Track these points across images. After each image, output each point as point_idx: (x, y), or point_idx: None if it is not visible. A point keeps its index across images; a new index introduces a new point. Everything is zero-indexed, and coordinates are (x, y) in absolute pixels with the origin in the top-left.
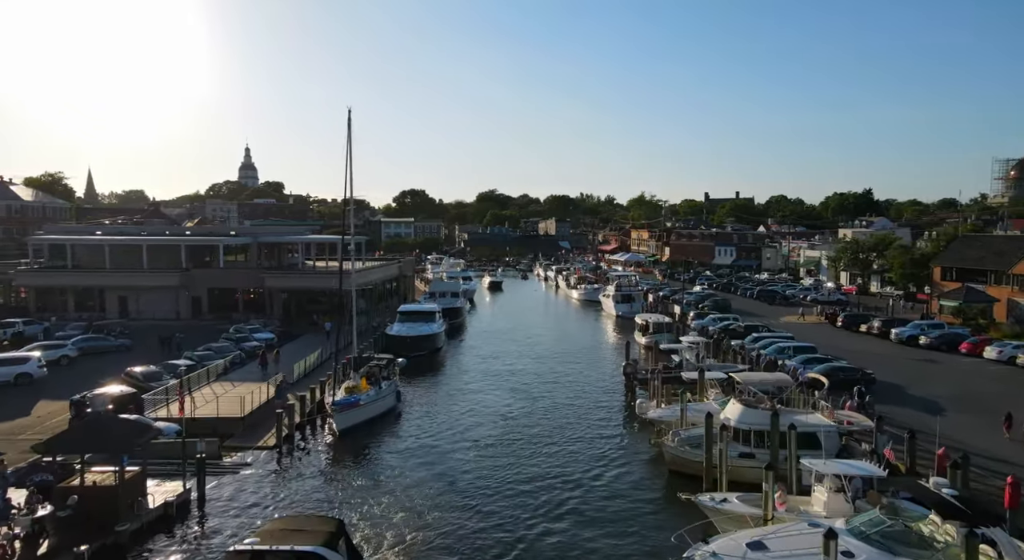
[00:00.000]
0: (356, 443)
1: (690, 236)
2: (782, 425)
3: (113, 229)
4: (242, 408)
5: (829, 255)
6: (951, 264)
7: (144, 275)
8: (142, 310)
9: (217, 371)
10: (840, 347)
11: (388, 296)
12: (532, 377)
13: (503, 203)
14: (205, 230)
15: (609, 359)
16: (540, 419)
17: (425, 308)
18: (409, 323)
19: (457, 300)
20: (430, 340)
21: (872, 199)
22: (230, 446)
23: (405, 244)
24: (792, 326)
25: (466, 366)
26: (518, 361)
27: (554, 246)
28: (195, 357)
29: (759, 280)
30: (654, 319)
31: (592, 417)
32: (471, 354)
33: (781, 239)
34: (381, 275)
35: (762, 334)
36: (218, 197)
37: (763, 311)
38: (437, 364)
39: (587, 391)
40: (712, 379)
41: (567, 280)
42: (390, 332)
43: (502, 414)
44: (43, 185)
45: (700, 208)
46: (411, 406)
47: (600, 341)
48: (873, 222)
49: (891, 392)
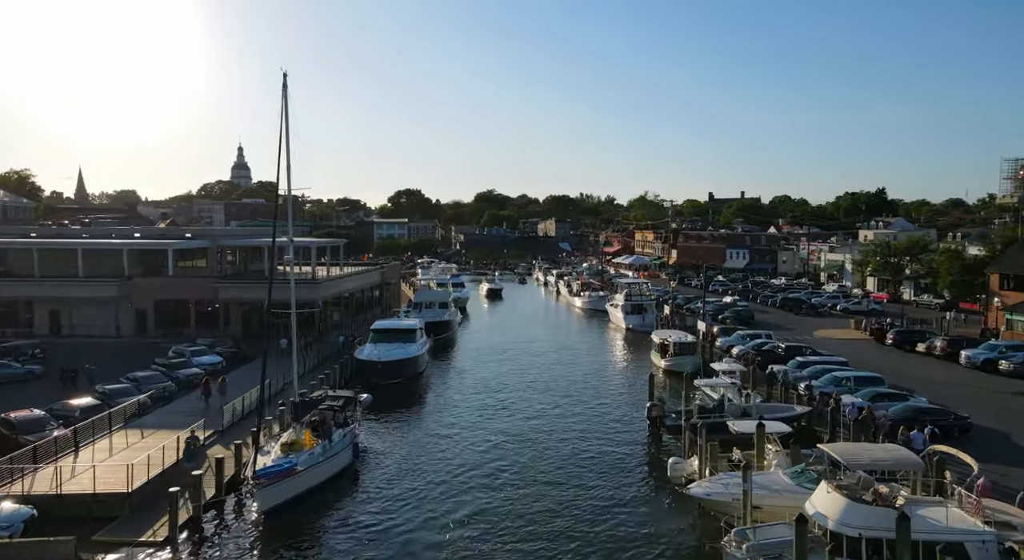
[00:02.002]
0: (289, 528)
1: (699, 237)
2: (914, 530)
3: (50, 231)
4: (128, 480)
5: (855, 258)
6: (1011, 271)
7: (78, 285)
8: (75, 326)
9: (126, 414)
10: (898, 373)
11: (371, 306)
12: (532, 416)
13: (501, 203)
14: (156, 232)
15: (623, 390)
16: (543, 485)
17: (404, 325)
18: (384, 344)
19: (446, 312)
20: (409, 364)
21: (886, 199)
22: (101, 541)
23: (398, 246)
24: (830, 343)
25: (451, 399)
26: (514, 392)
27: (554, 248)
28: (106, 393)
29: (778, 286)
30: (675, 338)
31: (610, 483)
32: (459, 382)
33: (795, 241)
34: (359, 282)
35: (807, 357)
36: (209, 197)
37: (790, 322)
38: (416, 395)
39: (601, 439)
40: (773, 434)
41: (569, 286)
42: (360, 356)
43: (492, 474)
44: (10, 184)
45: (705, 208)
46: (374, 463)
47: (610, 363)
48: (891, 222)
49: (991, 441)
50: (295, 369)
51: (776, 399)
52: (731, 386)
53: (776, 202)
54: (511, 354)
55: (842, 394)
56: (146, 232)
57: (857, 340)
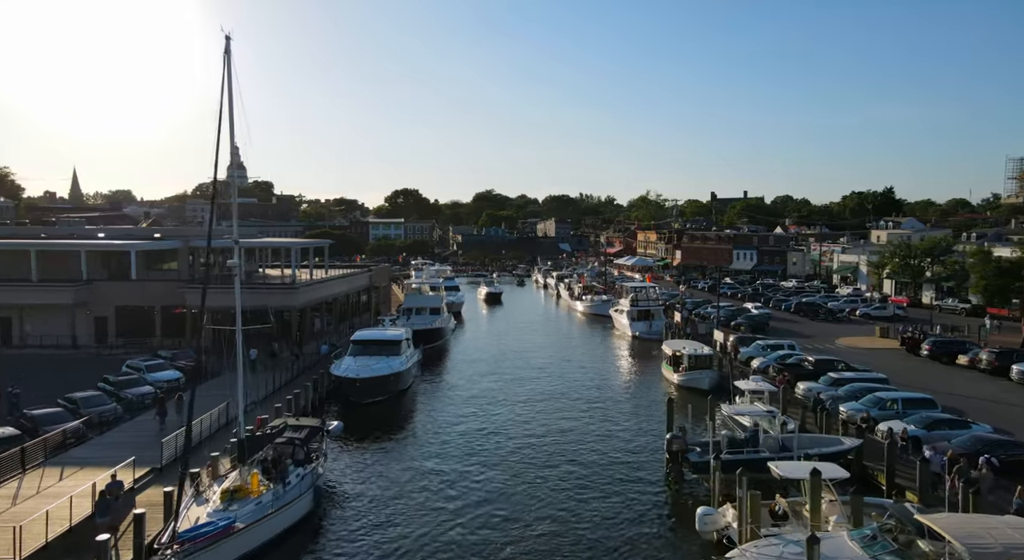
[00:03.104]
0: None
1: (704, 238)
2: None
3: (5, 231)
4: (16, 547)
5: (870, 260)
6: None
7: (31, 290)
8: (27, 335)
9: (47, 448)
10: (941, 390)
11: (358, 311)
12: (529, 445)
13: (500, 203)
14: (121, 232)
15: (633, 410)
16: (537, 539)
17: (387, 336)
18: (364, 357)
19: (436, 318)
20: (391, 381)
21: (893, 198)
22: None
23: (393, 246)
24: (857, 353)
25: (439, 421)
26: (511, 413)
27: (554, 249)
28: (32, 419)
29: (789, 289)
30: (689, 350)
31: (624, 532)
32: (449, 400)
33: (803, 241)
34: (345, 286)
35: (841, 373)
36: (204, 197)
37: (808, 329)
38: (399, 417)
39: (611, 477)
40: (830, 480)
41: (570, 289)
42: (336, 371)
43: (482, 524)
44: None
45: (708, 208)
46: (340, 510)
47: (616, 376)
48: (900, 223)
49: None
50: (241, 399)
51: (811, 426)
52: (766, 415)
53: (778, 202)
54: (508, 366)
55: (888, 420)
56: (111, 232)
57: (886, 350)
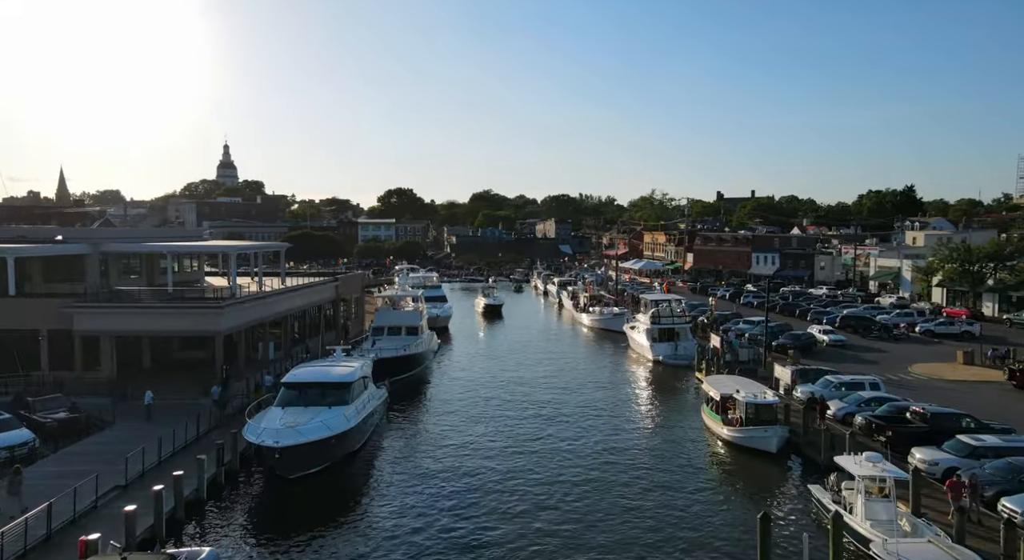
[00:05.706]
0: None
1: (719, 240)
2: None
3: None
4: None
5: (917, 265)
6: None
7: None
8: None
9: None
10: None
11: (321, 330)
12: (533, 554)
13: (498, 203)
14: (12, 233)
15: (674, 499)
16: None
17: (331, 377)
18: (295, 409)
19: (412, 341)
20: (329, 447)
21: (914, 197)
22: None
23: (382, 248)
24: (945, 389)
25: (395, 507)
26: (498, 495)
27: (554, 251)
28: None
29: (821, 297)
30: (745, 395)
31: None
32: (414, 469)
33: (827, 243)
34: (302, 300)
35: (975, 436)
36: (192, 197)
37: (865, 353)
38: (336, 502)
39: None
40: None
41: (574, 298)
42: (250, 435)
43: None
44: None
45: (715, 208)
46: None
47: (640, 426)
48: (929, 223)
49: None
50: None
51: (971, 537)
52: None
53: (784, 201)
54: (498, 405)
55: None
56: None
57: (985, 384)
